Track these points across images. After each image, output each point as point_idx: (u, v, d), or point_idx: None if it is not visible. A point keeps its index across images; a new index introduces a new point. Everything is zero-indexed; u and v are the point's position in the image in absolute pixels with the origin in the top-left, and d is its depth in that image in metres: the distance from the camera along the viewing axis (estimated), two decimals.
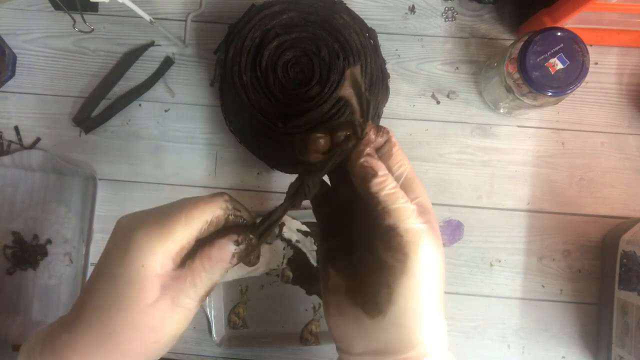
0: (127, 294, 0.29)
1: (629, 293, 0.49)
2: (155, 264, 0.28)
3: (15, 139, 0.59)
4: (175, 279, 0.29)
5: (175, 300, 0.29)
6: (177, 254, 0.29)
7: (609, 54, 0.57)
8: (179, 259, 0.29)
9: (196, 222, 0.29)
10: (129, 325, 0.29)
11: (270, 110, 0.47)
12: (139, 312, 0.28)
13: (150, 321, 0.29)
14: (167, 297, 0.29)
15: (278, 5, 0.49)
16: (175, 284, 0.29)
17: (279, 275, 0.57)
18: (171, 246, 0.29)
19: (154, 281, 0.28)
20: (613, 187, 0.56)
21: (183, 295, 0.29)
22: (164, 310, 0.29)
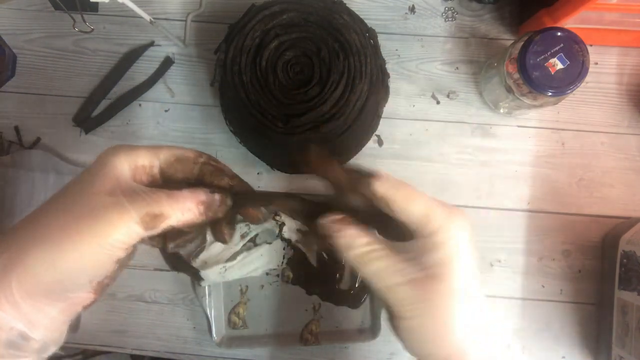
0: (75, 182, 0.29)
1: (629, 293, 0.49)
2: (117, 162, 0.29)
3: (15, 139, 0.59)
4: (131, 189, 0.29)
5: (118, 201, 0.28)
6: (136, 167, 0.30)
7: (609, 54, 0.57)
8: (138, 175, 0.30)
9: (163, 151, 0.31)
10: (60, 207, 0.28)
11: (270, 110, 0.47)
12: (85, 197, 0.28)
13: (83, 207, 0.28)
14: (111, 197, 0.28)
15: (278, 5, 0.49)
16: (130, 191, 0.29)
17: (279, 275, 0.57)
18: (132, 156, 0.30)
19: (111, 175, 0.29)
20: (613, 187, 0.56)
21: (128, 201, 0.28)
22: (101, 203, 0.28)
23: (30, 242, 0.28)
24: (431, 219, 0.29)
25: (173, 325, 0.57)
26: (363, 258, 0.30)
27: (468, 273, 0.29)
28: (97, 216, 0.28)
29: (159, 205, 0.29)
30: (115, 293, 0.57)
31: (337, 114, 0.47)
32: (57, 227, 0.28)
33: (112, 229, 0.28)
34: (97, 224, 0.27)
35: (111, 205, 0.28)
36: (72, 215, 0.28)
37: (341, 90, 0.47)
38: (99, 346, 0.58)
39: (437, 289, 0.29)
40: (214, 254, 0.55)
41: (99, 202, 0.28)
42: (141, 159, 0.31)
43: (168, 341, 0.57)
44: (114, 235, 0.28)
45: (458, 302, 0.29)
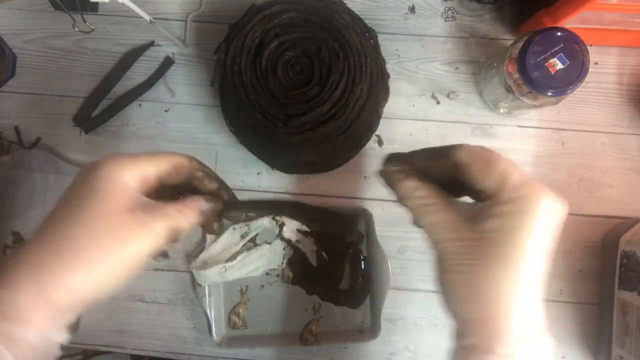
0: (92, 200, 0.30)
1: (629, 293, 0.49)
2: (124, 177, 0.31)
3: (15, 139, 0.59)
4: (146, 205, 0.31)
5: (141, 219, 0.30)
6: (140, 179, 0.32)
7: (609, 54, 0.57)
8: (142, 187, 0.32)
9: (161, 161, 0.33)
10: (91, 230, 0.29)
11: (270, 110, 0.47)
12: (104, 216, 0.29)
13: (111, 228, 0.29)
14: (132, 214, 0.30)
15: (278, 5, 0.49)
16: (146, 207, 0.31)
17: (279, 275, 0.57)
18: (136, 170, 0.31)
19: (120, 193, 0.30)
20: (613, 187, 0.56)
21: (149, 218, 0.30)
22: (127, 222, 0.29)
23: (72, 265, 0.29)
24: (509, 187, 0.29)
25: (173, 325, 0.57)
26: (419, 210, 0.32)
27: (535, 250, 0.29)
28: (128, 237, 0.29)
29: (175, 219, 0.31)
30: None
31: (337, 114, 0.47)
32: (91, 248, 0.29)
33: (144, 247, 0.30)
34: (129, 243, 0.29)
35: (136, 225, 0.30)
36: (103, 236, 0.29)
37: (341, 90, 0.47)
38: (99, 346, 0.58)
39: (490, 252, 0.29)
40: (214, 254, 0.56)
41: (124, 222, 0.30)
42: (142, 169, 0.32)
43: (168, 341, 0.57)
44: (145, 252, 0.30)
45: (506, 269, 0.28)
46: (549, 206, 0.30)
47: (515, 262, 0.29)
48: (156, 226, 0.30)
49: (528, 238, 0.29)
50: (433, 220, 0.31)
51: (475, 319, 0.29)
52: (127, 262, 0.30)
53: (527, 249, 0.29)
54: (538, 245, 0.29)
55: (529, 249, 0.29)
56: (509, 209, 0.29)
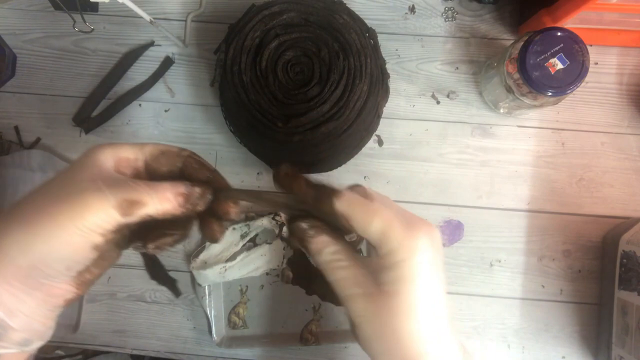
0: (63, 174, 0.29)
1: (629, 293, 0.49)
2: (100, 155, 0.30)
3: (15, 139, 0.59)
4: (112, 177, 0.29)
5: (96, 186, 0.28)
6: (118, 160, 0.31)
7: (609, 54, 0.57)
8: (120, 168, 0.31)
9: (147, 146, 0.32)
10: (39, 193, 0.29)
11: (270, 110, 0.47)
12: (65, 185, 0.28)
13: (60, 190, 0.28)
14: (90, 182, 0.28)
15: (278, 5, 0.49)
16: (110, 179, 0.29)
17: (279, 275, 0.57)
18: (114, 151, 0.31)
19: (92, 166, 0.29)
20: (613, 187, 0.56)
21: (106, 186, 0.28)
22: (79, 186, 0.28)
23: (7, 226, 0.28)
24: (389, 239, 0.30)
25: (173, 325, 0.57)
26: (328, 265, 0.32)
27: (425, 293, 0.30)
28: (74, 199, 0.28)
29: (137, 192, 0.29)
30: (115, 293, 0.57)
31: (337, 114, 0.47)
32: (33, 210, 0.28)
33: (88, 210, 0.27)
34: (72, 206, 0.27)
35: (89, 189, 0.28)
36: (50, 199, 0.28)
37: (341, 90, 0.47)
38: (99, 346, 0.58)
39: (388, 305, 0.30)
40: (214, 254, 0.56)
41: (78, 187, 0.28)
42: (125, 152, 0.31)
43: (168, 341, 0.57)
44: (89, 218, 0.27)
45: (410, 319, 0.30)
46: (426, 246, 0.30)
47: (412, 311, 0.29)
48: (107, 192, 0.28)
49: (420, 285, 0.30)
50: (342, 275, 0.31)
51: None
52: (67, 227, 0.27)
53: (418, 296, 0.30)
54: (428, 287, 0.30)
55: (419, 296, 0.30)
56: (392, 261, 0.30)
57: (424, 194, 0.57)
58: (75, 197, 0.28)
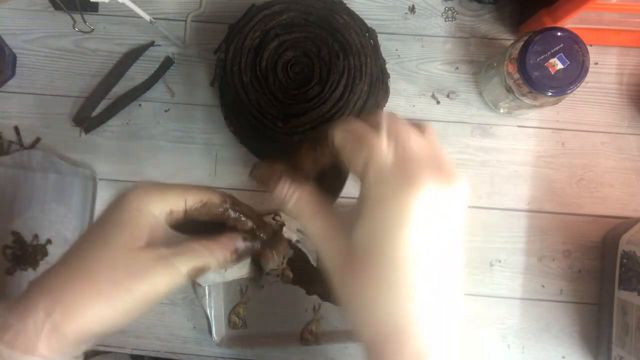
0: (116, 232, 0.29)
1: (629, 293, 0.49)
2: (152, 209, 0.30)
3: (15, 139, 0.59)
4: (170, 239, 0.30)
5: (164, 257, 0.29)
6: (168, 213, 0.30)
7: (609, 54, 0.57)
8: (169, 220, 0.31)
9: (191, 195, 0.31)
10: (109, 263, 0.28)
11: (270, 110, 0.47)
12: (125, 250, 0.28)
13: (132, 263, 0.28)
14: (155, 250, 0.29)
15: (278, 5, 0.49)
16: (169, 245, 0.30)
17: (279, 275, 0.57)
18: (164, 203, 0.30)
19: (146, 226, 0.29)
20: (613, 187, 0.56)
21: (173, 256, 0.29)
22: (149, 259, 0.29)
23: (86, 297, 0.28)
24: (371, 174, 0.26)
25: (173, 325, 0.57)
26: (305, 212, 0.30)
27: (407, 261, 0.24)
28: (148, 274, 0.28)
29: (202, 258, 0.30)
30: None
31: (337, 114, 0.47)
32: (108, 283, 0.28)
33: (164, 285, 0.29)
34: (149, 281, 0.28)
35: (159, 263, 0.29)
36: (122, 271, 0.28)
37: (341, 90, 0.47)
38: (99, 346, 0.58)
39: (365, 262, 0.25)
40: None
41: (145, 259, 0.29)
42: (171, 204, 0.31)
43: (168, 341, 0.57)
44: (164, 291, 0.29)
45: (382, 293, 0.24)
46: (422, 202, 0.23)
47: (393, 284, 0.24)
48: (177, 264, 0.29)
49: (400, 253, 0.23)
50: (314, 227, 0.29)
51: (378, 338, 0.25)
52: (141, 299, 0.28)
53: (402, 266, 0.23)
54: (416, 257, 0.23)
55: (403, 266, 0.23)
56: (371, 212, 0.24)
57: None
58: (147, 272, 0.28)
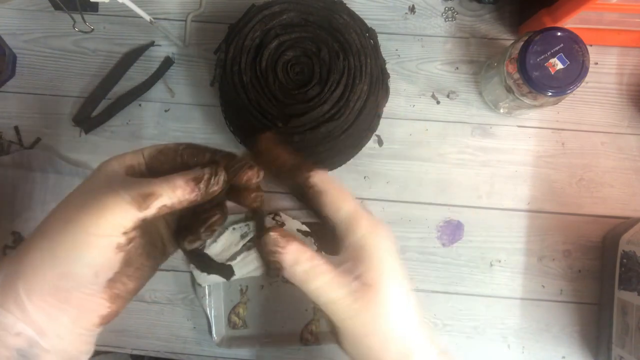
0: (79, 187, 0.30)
1: (629, 293, 0.49)
2: (110, 165, 0.31)
3: (15, 139, 0.59)
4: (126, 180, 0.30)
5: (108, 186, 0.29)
6: (127, 167, 0.31)
7: (609, 54, 0.57)
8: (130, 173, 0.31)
9: (145, 149, 0.33)
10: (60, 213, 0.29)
11: (270, 110, 0.47)
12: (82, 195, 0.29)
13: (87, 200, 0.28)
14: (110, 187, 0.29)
15: (278, 5, 0.49)
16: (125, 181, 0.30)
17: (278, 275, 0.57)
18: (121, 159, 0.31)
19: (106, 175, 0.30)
20: (613, 187, 0.56)
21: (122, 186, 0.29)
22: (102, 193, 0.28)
23: (32, 241, 0.28)
24: (358, 224, 0.31)
25: (173, 325, 0.57)
26: (309, 274, 0.30)
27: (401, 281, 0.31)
28: (92, 203, 0.28)
29: (149, 185, 0.29)
30: None
31: (337, 114, 0.47)
32: (54, 221, 0.28)
33: (105, 210, 0.27)
34: (91, 209, 0.28)
35: (105, 192, 0.28)
36: (70, 209, 0.29)
37: (341, 90, 0.47)
38: (99, 346, 0.57)
39: (375, 297, 0.30)
40: (214, 254, 0.55)
41: (95, 193, 0.29)
42: (128, 160, 0.32)
43: (168, 341, 0.57)
44: (107, 217, 0.27)
45: (396, 308, 0.30)
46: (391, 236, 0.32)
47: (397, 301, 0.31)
48: (122, 191, 0.28)
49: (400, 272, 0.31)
50: (324, 280, 0.30)
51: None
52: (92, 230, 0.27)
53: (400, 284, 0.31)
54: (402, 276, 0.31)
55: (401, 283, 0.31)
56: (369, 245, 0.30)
57: (424, 194, 0.57)
58: (92, 201, 0.28)
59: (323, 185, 0.31)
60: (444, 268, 0.56)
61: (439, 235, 0.57)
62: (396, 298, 0.30)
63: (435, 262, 0.56)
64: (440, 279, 0.56)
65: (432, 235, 0.56)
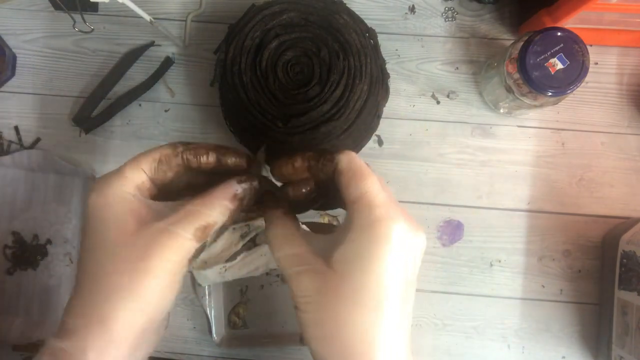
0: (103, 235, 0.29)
1: (629, 293, 0.49)
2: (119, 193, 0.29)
3: (15, 139, 0.59)
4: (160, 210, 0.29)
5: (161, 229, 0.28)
6: (137, 187, 0.30)
7: (609, 54, 0.57)
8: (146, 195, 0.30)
9: (143, 161, 0.31)
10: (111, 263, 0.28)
11: (270, 110, 0.47)
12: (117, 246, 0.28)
13: (132, 250, 0.28)
14: (149, 227, 0.28)
15: (278, 5, 0.49)
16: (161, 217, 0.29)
17: (279, 275, 0.57)
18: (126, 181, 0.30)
19: (125, 211, 0.29)
20: (613, 187, 0.56)
21: (171, 225, 0.28)
22: (147, 238, 0.28)
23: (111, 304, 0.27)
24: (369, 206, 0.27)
25: (173, 325, 0.57)
26: (277, 239, 0.31)
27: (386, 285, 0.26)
28: (154, 251, 0.27)
29: (202, 216, 0.29)
30: None
31: (337, 114, 0.47)
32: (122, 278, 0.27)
33: (175, 255, 0.28)
34: (158, 257, 0.27)
35: (159, 236, 0.28)
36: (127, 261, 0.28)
37: (341, 90, 0.47)
38: None
39: (338, 287, 0.27)
40: (214, 254, 0.55)
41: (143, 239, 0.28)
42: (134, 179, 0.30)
43: (168, 341, 0.57)
44: (176, 258, 0.28)
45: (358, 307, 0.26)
46: (401, 237, 0.27)
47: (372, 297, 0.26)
48: (178, 230, 0.28)
49: (382, 271, 0.26)
50: (288, 252, 0.30)
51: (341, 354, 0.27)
52: (162, 276, 0.27)
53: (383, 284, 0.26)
54: (395, 275, 0.27)
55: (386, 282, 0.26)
56: (363, 234, 0.27)
57: (424, 194, 0.57)
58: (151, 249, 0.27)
59: (345, 164, 0.29)
60: (443, 268, 0.56)
61: (439, 235, 0.57)
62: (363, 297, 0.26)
63: (435, 262, 0.56)
64: (440, 279, 0.56)
65: (432, 235, 0.56)
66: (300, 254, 0.29)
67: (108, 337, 0.27)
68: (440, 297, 0.56)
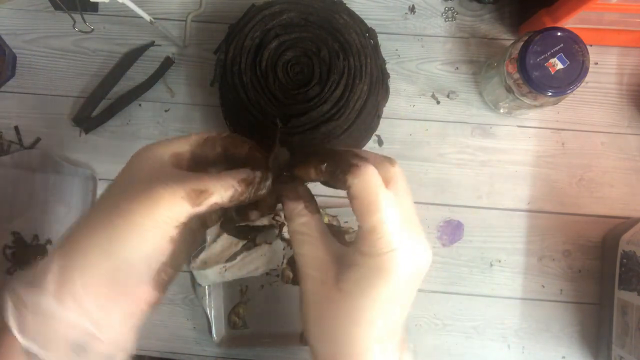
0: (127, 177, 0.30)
1: (629, 293, 0.49)
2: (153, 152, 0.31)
3: (15, 139, 0.59)
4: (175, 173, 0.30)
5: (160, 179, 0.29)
6: (172, 155, 0.31)
7: (609, 54, 0.57)
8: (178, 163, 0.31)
9: (192, 137, 0.33)
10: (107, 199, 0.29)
11: (270, 110, 0.47)
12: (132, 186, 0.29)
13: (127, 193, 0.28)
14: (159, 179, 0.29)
15: (278, 5, 0.49)
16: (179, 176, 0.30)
17: (279, 275, 0.57)
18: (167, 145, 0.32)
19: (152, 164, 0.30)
20: (613, 187, 0.56)
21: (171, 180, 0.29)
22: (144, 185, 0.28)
23: (83, 235, 0.28)
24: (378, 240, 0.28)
25: (173, 325, 0.57)
26: (296, 235, 0.32)
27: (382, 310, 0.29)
28: (146, 196, 0.28)
29: (202, 182, 0.29)
30: None
31: (337, 114, 0.47)
32: (106, 214, 0.28)
33: (161, 204, 0.28)
34: (145, 203, 0.28)
35: (157, 185, 0.28)
36: (121, 201, 0.28)
37: (341, 90, 0.47)
38: None
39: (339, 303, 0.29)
40: (214, 254, 0.56)
41: (145, 185, 0.28)
42: (176, 147, 0.32)
43: (168, 341, 0.57)
44: (163, 211, 0.28)
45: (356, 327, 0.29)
46: (405, 268, 0.29)
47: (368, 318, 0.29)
48: (176, 186, 0.28)
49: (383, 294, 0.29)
50: (303, 251, 0.31)
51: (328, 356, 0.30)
52: (143, 223, 0.28)
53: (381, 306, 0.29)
54: (392, 301, 0.29)
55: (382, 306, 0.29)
56: (365, 263, 0.29)
57: (424, 194, 0.57)
58: (146, 194, 0.28)
59: (357, 191, 0.29)
60: (443, 268, 0.56)
61: (439, 235, 0.57)
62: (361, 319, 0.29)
63: (435, 262, 0.56)
64: (440, 279, 0.56)
65: (432, 235, 0.56)
66: (317, 258, 0.31)
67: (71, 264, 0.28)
68: (440, 297, 0.56)
